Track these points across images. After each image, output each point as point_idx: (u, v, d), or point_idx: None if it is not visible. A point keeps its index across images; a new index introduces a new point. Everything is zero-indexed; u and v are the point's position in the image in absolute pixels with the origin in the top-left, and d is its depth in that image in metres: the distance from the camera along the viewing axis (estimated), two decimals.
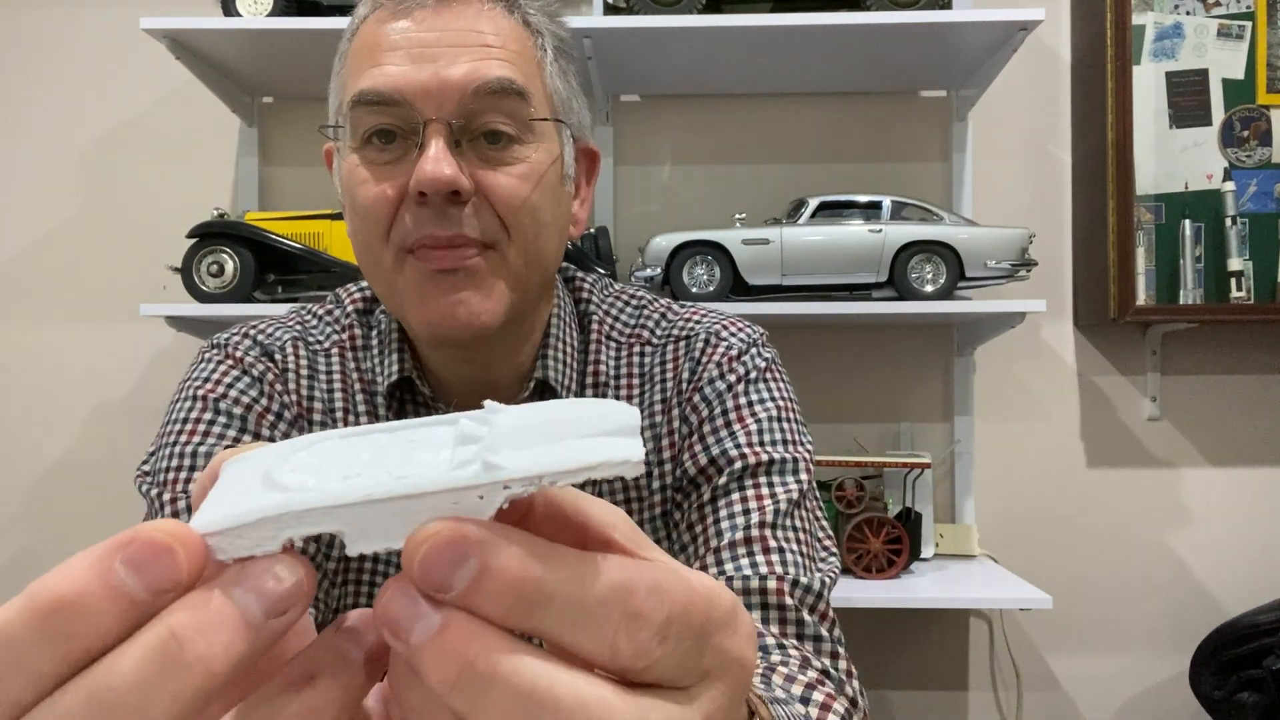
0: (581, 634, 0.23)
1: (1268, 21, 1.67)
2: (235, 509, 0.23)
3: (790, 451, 0.73)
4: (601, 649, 0.23)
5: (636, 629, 0.23)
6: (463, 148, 0.66)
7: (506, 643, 0.22)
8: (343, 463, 0.25)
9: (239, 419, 0.71)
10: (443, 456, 0.24)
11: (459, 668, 0.22)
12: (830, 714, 0.57)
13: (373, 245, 0.68)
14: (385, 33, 0.67)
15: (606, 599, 0.23)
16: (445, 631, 0.22)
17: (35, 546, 1.79)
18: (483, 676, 0.21)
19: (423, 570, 0.22)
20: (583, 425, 0.24)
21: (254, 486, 0.24)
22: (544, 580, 0.22)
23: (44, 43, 1.82)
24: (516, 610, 0.22)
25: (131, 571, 0.21)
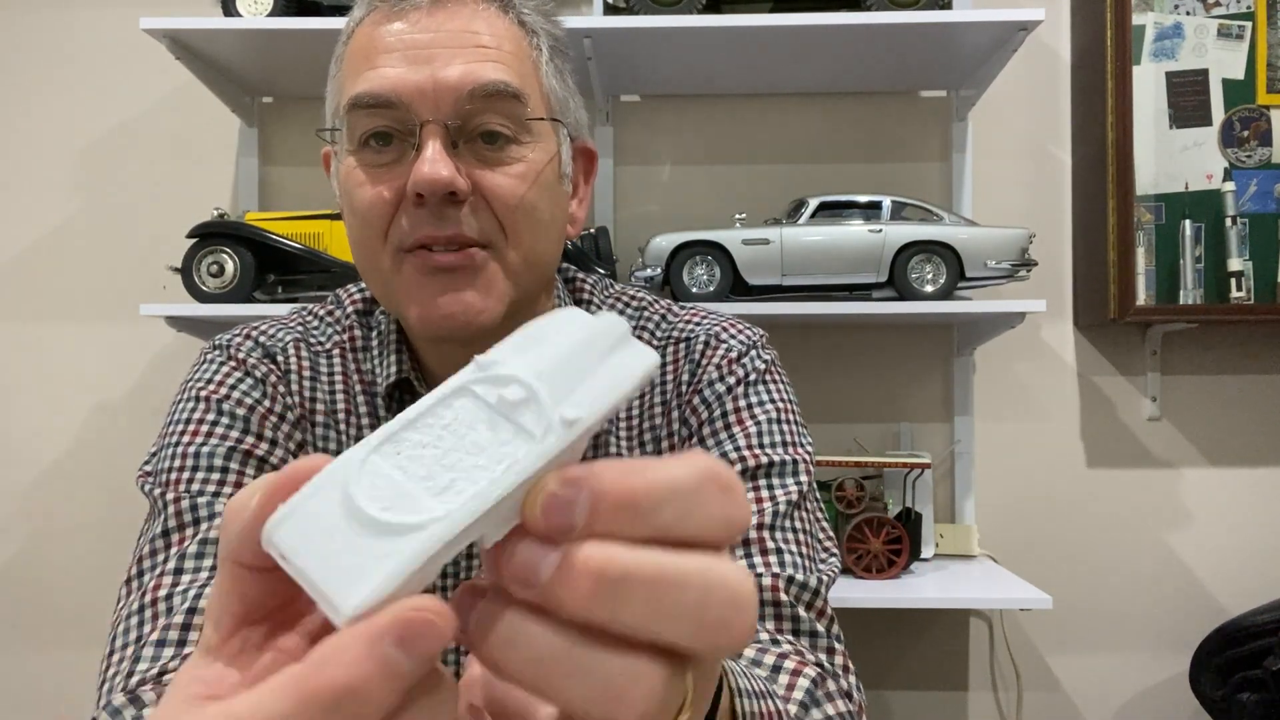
0: (697, 519, 0.25)
1: (1268, 22, 1.67)
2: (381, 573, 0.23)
3: (790, 453, 0.73)
4: (716, 525, 0.26)
5: (735, 496, 0.26)
6: (459, 149, 0.66)
7: (621, 546, 0.24)
8: (413, 477, 0.25)
9: (242, 420, 0.71)
10: (505, 433, 0.25)
11: (593, 580, 0.24)
12: (800, 678, 0.58)
13: (371, 246, 0.68)
14: (381, 35, 0.67)
15: (702, 482, 0.26)
16: (569, 558, 0.24)
17: (35, 546, 1.79)
18: (614, 579, 0.24)
19: (547, 517, 0.24)
20: (593, 349, 0.27)
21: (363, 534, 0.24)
22: (649, 484, 0.25)
23: (44, 43, 1.82)
24: (636, 519, 0.25)
25: (403, 651, 0.22)
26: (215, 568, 0.63)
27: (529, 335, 0.28)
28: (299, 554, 0.24)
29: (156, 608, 0.61)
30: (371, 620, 0.22)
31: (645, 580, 0.24)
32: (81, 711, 1.74)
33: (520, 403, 0.26)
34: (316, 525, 0.24)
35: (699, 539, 0.25)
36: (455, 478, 0.25)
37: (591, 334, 0.27)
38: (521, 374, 0.26)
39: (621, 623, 0.24)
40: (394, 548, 0.23)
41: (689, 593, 0.24)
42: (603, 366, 0.26)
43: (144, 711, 0.54)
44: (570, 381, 0.26)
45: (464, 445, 0.25)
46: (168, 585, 0.62)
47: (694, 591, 0.24)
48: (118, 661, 0.60)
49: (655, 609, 0.24)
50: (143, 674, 0.58)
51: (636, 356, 0.27)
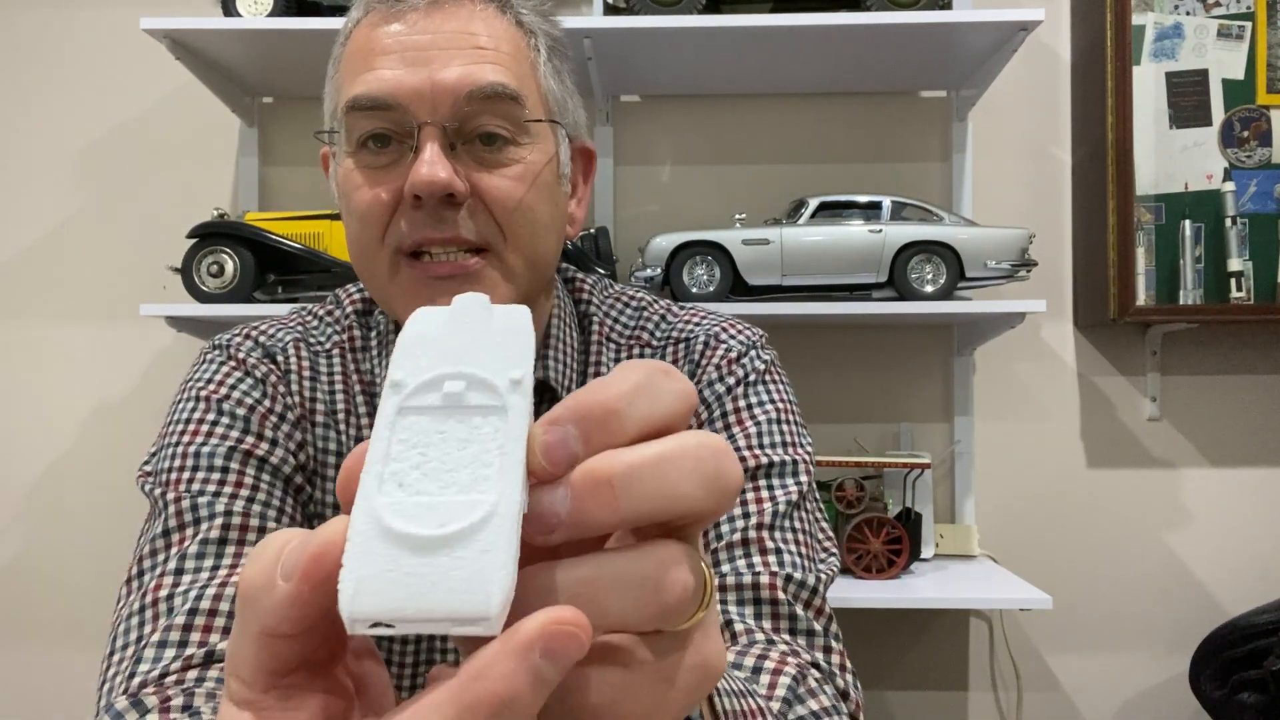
0: (662, 402, 0.28)
1: (1268, 22, 1.67)
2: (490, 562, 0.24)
3: (790, 453, 0.73)
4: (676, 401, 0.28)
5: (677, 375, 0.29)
6: (457, 150, 0.66)
7: (613, 451, 0.26)
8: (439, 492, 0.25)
9: (242, 420, 0.71)
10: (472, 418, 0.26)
11: (609, 485, 0.26)
12: (782, 675, 0.58)
13: (369, 248, 0.68)
14: (378, 36, 0.67)
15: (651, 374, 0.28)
16: (578, 482, 0.26)
17: (35, 546, 1.79)
18: (623, 474, 0.26)
19: (550, 459, 0.26)
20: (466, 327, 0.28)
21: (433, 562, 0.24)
22: (616, 392, 0.27)
23: (44, 43, 1.82)
24: (619, 423, 0.27)
25: (550, 662, 0.23)
26: (217, 568, 0.63)
27: (407, 344, 0.28)
28: (402, 604, 0.23)
29: (157, 608, 0.61)
30: (519, 634, 0.23)
31: (648, 463, 0.26)
32: (81, 712, 1.74)
33: (464, 390, 0.26)
34: (393, 576, 0.24)
35: (667, 418, 0.28)
36: (469, 472, 0.25)
37: (459, 317, 0.28)
38: (440, 371, 0.27)
39: (640, 512, 0.26)
40: (481, 543, 0.24)
41: (684, 460, 0.27)
42: (488, 334, 0.28)
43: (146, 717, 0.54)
44: (479, 354, 0.27)
45: (449, 447, 0.25)
46: (168, 585, 0.62)
47: (688, 458, 0.27)
48: (118, 662, 0.60)
49: (664, 483, 0.26)
50: (144, 675, 0.58)
51: (507, 313, 0.28)
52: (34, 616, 1.78)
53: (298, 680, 0.27)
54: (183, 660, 0.58)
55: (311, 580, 0.25)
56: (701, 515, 0.28)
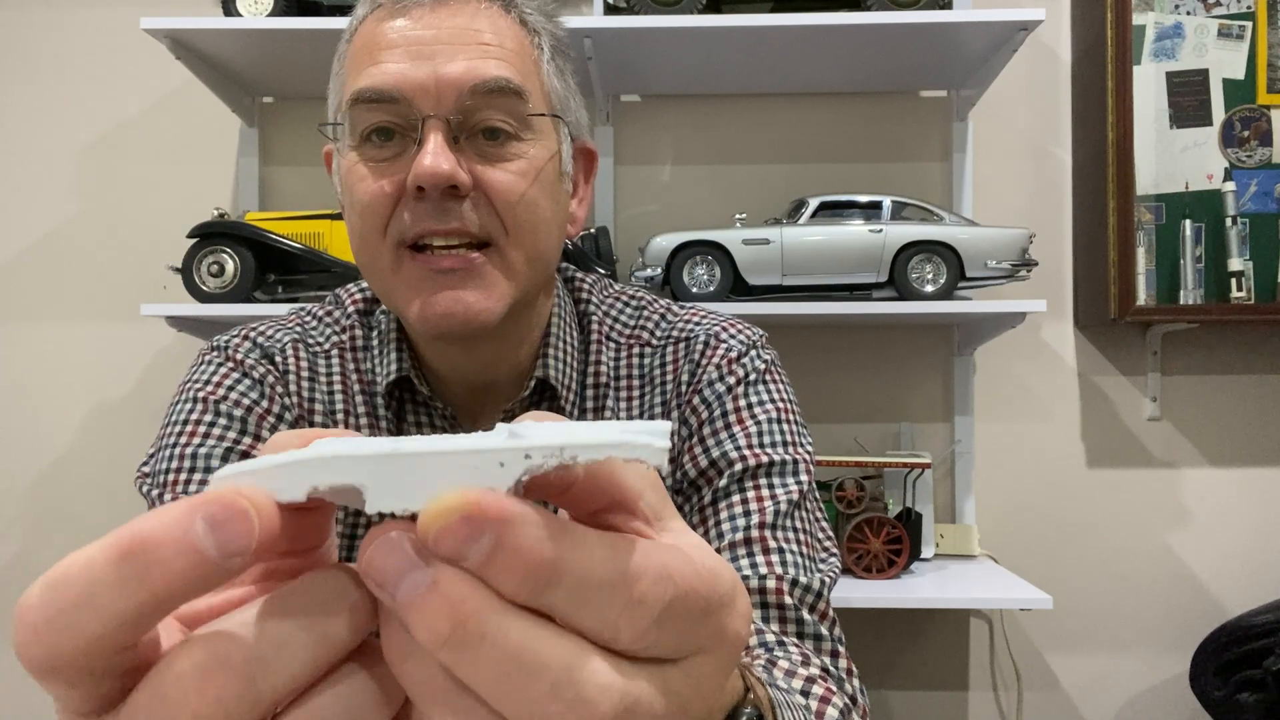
0: (585, 614, 0.23)
1: (1268, 22, 1.67)
2: (267, 459, 0.24)
3: (790, 453, 0.73)
4: (603, 630, 0.23)
5: (638, 614, 0.23)
6: (461, 144, 0.66)
7: (497, 604, 0.22)
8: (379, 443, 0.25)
9: (239, 421, 0.71)
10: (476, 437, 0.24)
11: (450, 626, 0.22)
12: (829, 707, 0.57)
13: (371, 241, 0.68)
14: (383, 31, 0.67)
15: (614, 584, 0.23)
16: (436, 589, 0.22)
17: (35, 546, 1.79)
18: (473, 636, 0.22)
19: (438, 539, 0.22)
20: (616, 426, 0.25)
21: (290, 449, 0.25)
22: (556, 561, 0.22)
23: (44, 43, 1.82)
24: (525, 587, 0.22)
25: (209, 530, 0.21)
26: None
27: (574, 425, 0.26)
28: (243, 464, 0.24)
29: None
30: (200, 494, 0.22)
31: (503, 649, 0.22)
32: None
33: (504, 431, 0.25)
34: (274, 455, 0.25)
35: (577, 629, 0.23)
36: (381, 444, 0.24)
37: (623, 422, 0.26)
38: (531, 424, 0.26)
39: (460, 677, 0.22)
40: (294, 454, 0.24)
41: (538, 685, 0.22)
42: (605, 430, 0.24)
43: None
44: (566, 430, 0.24)
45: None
46: None
47: (543, 685, 0.22)
48: None
49: (499, 684, 0.22)
50: None
51: (646, 437, 0.24)
52: None
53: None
54: None
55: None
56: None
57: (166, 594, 0.21)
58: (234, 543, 0.22)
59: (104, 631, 0.21)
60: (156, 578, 0.21)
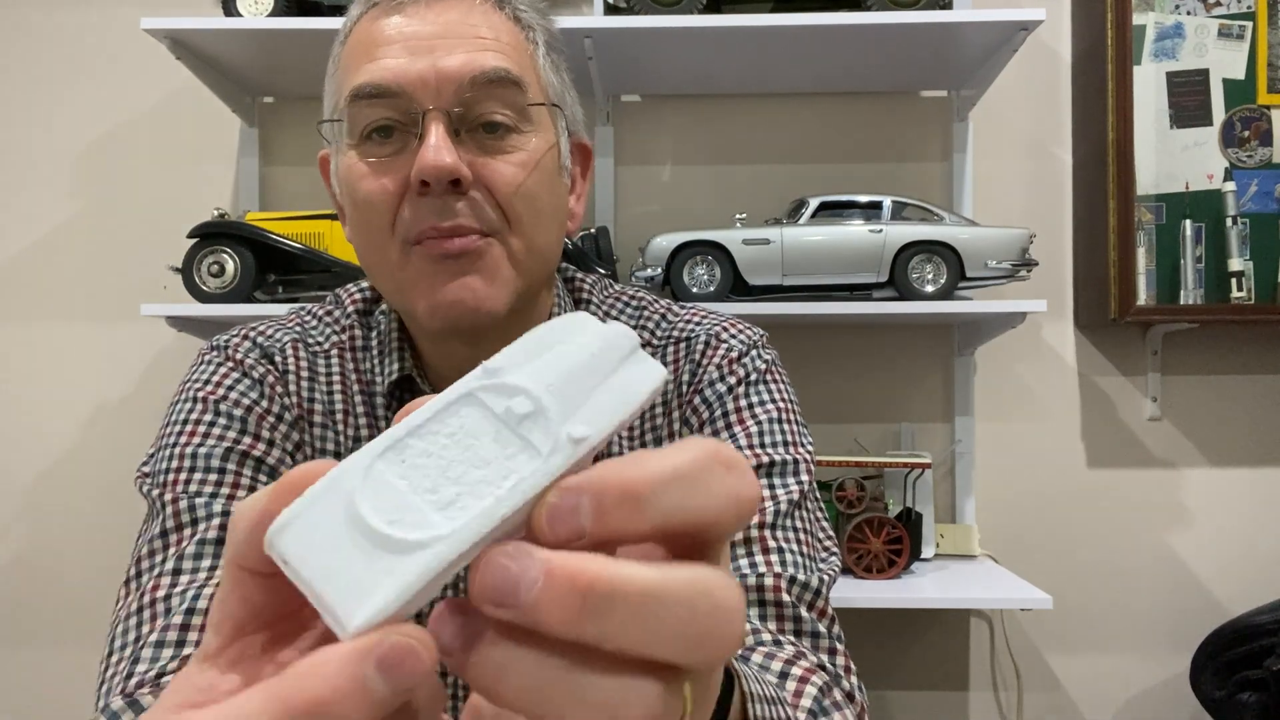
0: (704, 496, 0.25)
1: (1268, 22, 1.67)
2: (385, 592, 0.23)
3: (791, 453, 0.73)
4: (727, 502, 0.25)
5: (743, 471, 0.26)
6: (461, 137, 0.66)
7: (608, 560, 0.24)
8: (419, 489, 0.25)
9: (239, 420, 0.71)
10: (511, 446, 0.25)
11: (581, 597, 0.23)
12: (808, 685, 0.57)
13: (377, 239, 0.68)
14: (380, 29, 0.67)
15: (708, 461, 0.25)
16: (554, 572, 0.23)
17: (35, 546, 1.79)
18: (605, 595, 0.23)
19: (553, 528, 0.24)
20: (603, 361, 0.26)
21: (366, 550, 0.24)
22: (648, 474, 0.24)
23: (44, 43, 1.82)
24: (641, 511, 0.24)
25: (382, 675, 0.22)
26: (215, 568, 0.63)
27: (538, 340, 0.27)
28: (303, 562, 0.24)
29: (155, 608, 0.61)
30: (358, 641, 0.22)
31: (633, 595, 0.23)
32: (82, 712, 1.74)
33: (527, 416, 0.25)
34: (320, 533, 0.24)
35: (706, 519, 0.25)
36: (460, 492, 0.24)
37: (602, 345, 0.27)
38: (530, 385, 0.26)
39: (609, 641, 0.23)
40: (398, 565, 0.23)
41: (675, 607, 0.24)
42: (611, 381, 0.26)
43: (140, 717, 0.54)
44: (578, 396, 0.25)
45: (468, 457, 0.25)
46: (166, 586, 0.62)
47: (680, 606, 0.24)
48: (116, 663, 0.60)
49: (642, 625, 0.23)
50: (141, 675, 0.58)
51: (645, 371, 0.26)
52: (34, 616, 1.78)
53: (260, 644, 0.27)
54: (180, 660, 0.58)
55: (280, 505, 0.24)
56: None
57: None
58: (410, 679, 0.22)
59: None
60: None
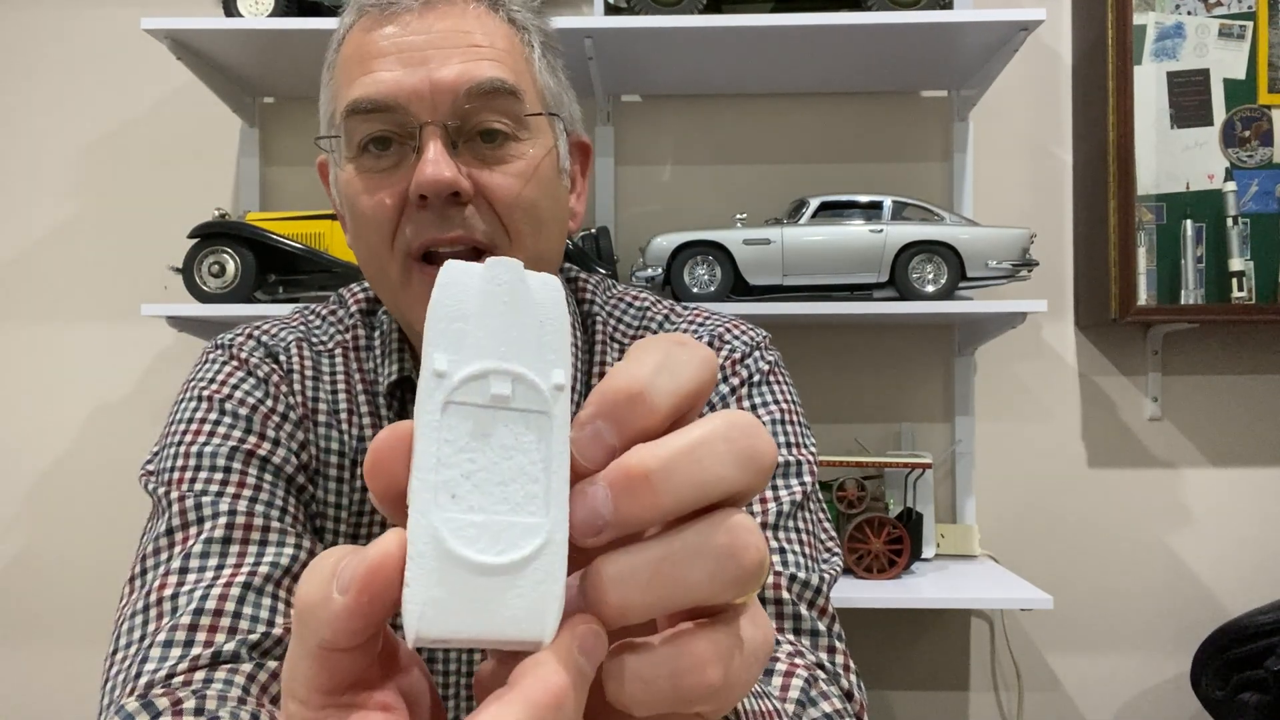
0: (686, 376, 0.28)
1: (1269, 22, 1.67)
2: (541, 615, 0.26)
3: (794, 454, 0.73)
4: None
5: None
6: (459, 148, 0.66)
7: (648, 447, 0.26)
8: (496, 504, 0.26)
9: (244, 419, 0.71)
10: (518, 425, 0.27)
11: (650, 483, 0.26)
12: (794, 678, 0.57)
13: (378, 253, 0.68)
14: (373, 39, 0.67)
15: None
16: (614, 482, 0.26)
17: (35, 546, 1.79)
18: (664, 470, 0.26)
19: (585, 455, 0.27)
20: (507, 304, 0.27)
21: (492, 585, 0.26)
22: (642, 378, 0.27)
23: (45, 43, 1.82)
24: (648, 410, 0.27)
25: (586, 658, 0.26)
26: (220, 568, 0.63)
27: (443, 319, 0.27)
28: (467, 627, 0.25)
29: (161, 607, 0.61)
30: (559, 641, 0.26)
31: (682, 453, 0.26)
32: (83, 712, 1.74)
33: (510, 393, 0.26)
34: (456, 597, 0.25)
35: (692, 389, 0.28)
36: (518, 487, 0.26)
37: (494, 288, 0.27)
38: (488, 366, 0.26)
39: (682, 501, 0.26)
40: (538, 572, 0.26)
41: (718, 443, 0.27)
42: (527, 314, 0.27)
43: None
44: (522, 346, 0.27)
45: (495, 455, 0.26)
46: (172, 585, 0.62)
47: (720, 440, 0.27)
48: (122, 661, 0.60)
49: (701, 470, 0.26)
50: (150, 675, 0.57)
51: (542, 284, 0.27)
52: (35, 616, 1.78)
53: (352, 698, 0.27)
54: (189, 661, 0.58)
55: (369, 592, 0.25)
56: (741, 494, 0.28)
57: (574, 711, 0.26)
58: (600, 653, 0.26)
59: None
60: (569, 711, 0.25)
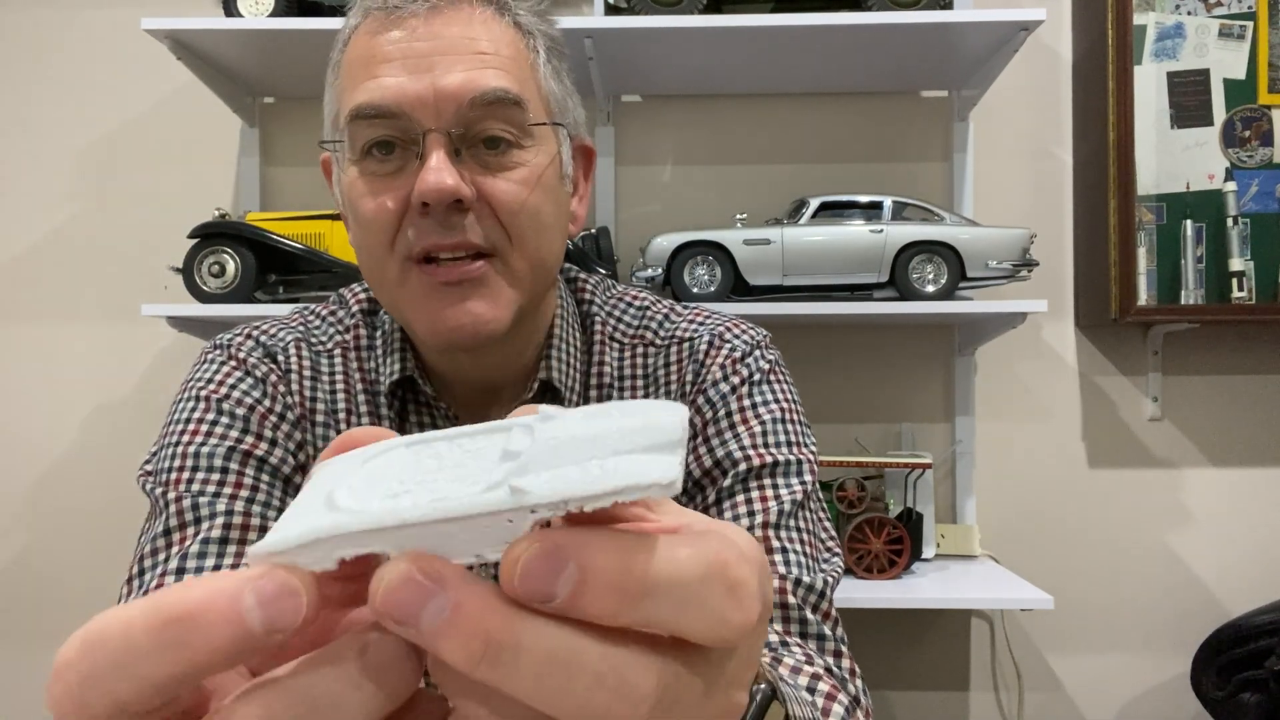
0: (691, 617, 0.23)
1: (1269, 22, 1.67)
2: (294, 530, 0.24)
3: (794, 453, 0.73)
4: (712, 625, 0.23)
5: (742, 596, 0.23)
6: (462, 155, 0.66)
7: (522, 613, 0.22)
8: (394, 478, 0.25)
9: (242, 419, 0.71)
10: (484, 478, 0.24)
11: (482, 644, 0.21)
12: (835, 704, 0.57)
13: (378, 256, 0.68)
14: (379, 44, 0.67)
15: (709, 576, 0.23)
16: (460, 611, 0.22)
17: (35, 546, 1.79)
18: (508, 649, 0.22)
19: (524, 582, 0.22)
20: (624, 439, 0.24)
21: (318, 505, 0.25)
22: (646, 572, 0.22)
23: (45, 43, 1.82)
24: (624, 606, 0.22)
25: (259, 605, 0.22)
26: (218, 567, 0.63)
27: (602, 408, 0.26)
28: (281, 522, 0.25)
29: None
30: (249, 570, 0.22)
31: (540, 657, 0.22)
32: None
33: (513, 454, 0.24)
34: (305, 502, 0.26)
35: (686, 635, 0.23)
36: (405, 495, 0.24)
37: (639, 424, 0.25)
38: (542, 433, 0.25)
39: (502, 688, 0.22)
40: (318, 522, 0.24)
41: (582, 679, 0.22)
42: (614, 460, 0.23)
43: None
44: (568, 457, 0.23)
45: (456, 471, 0.25)
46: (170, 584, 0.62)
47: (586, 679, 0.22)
48: None
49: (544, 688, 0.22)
50: None
51: (655, 467, 0.23)
52: (35, 616, 1.78)
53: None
54: None
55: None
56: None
57: (205, 665, 0.21)
58: (282, 619, 0.22)
59: (136, 695, 0.21)
60: (197, 648, 0.21)
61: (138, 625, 0.21)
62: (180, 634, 0.21)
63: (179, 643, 0.21)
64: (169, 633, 0.21)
